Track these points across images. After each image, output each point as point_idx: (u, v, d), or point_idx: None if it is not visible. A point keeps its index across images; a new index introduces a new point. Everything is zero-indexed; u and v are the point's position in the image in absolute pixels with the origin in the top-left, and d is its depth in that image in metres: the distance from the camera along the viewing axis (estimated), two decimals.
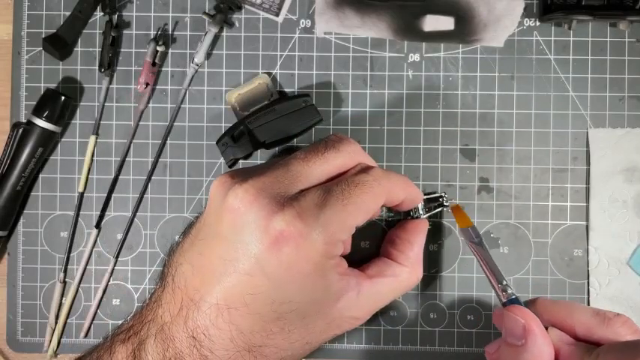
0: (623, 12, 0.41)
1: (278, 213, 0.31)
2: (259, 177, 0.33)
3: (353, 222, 0.33)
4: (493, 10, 0.43)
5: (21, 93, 0.44)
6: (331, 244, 0.32)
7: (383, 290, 0.36)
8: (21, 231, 0.44)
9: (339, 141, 0.36)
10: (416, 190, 0.38)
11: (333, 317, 0.34)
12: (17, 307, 0.44)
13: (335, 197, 0.33)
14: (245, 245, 0.31)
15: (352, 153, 0.35)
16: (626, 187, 0.43)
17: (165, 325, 0.32)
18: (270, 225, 0.31)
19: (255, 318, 0.32)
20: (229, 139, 0.41)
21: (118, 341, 0.33)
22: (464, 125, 0.43)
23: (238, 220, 0.32)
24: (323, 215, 0.32)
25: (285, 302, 0.32)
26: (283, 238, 0.31)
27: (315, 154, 0.34)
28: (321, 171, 0.34)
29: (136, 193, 0.44)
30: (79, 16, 0.43)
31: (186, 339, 0.32)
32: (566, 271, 0.43)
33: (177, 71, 0.44)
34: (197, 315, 0.32)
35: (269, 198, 0.32)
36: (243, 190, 0.32)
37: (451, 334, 0.43)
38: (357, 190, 0.33)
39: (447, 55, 0.43)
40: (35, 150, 0.42)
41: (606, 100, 0.43)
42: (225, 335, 0.32)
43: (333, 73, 0.43)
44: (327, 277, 0.33)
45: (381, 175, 0.35)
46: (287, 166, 0.34)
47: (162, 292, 0.34)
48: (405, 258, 0.38)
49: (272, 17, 0.44)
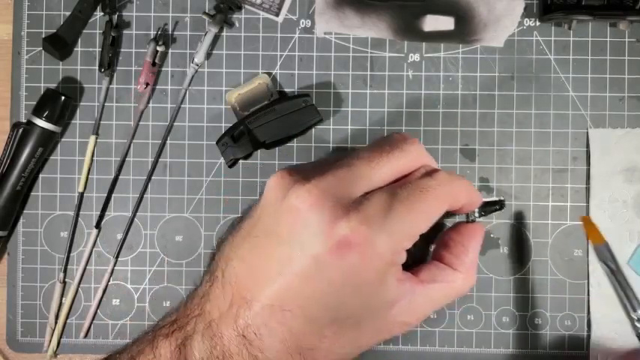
0: (623, 12, 0.41)
1: (343, 218, 0.30)
2: (322, 177, 0.31)
3: (418, 230, 0.32)
4: (493, 10, 0.43)
5: (21, 93, 0.44)
6: (397, 253, 0.31)
7: (436, 296, 0.35)
8: (21, 231, 0.44)
9: (403, 140, 0.34)
10: (477, 194, 0.37)
11: (386, 322, 0.33)
12: (17, 307, 0.44)
13: (400, 203, 0.31)
14: (305, 247, 0.30)
15: (416, 154, 0.34)
16: (626, 187, 0.43)
17: (214, 322, 0.31)
18: (335, 230, 0.30)
19: (308, 321, 0.31)
20: (229, 139, 0.41)
21: (161, 335, 0.32)
22: (464, 125, 0.43)
23: (299, 221, 0.30)
24: (389, 223, 0.31)
25: (341, 308, 0.31)
26: (348, 244, 0.30)
27: (380, 155, 0.33)
28: (386, 172, 0.33)
29: (136, 193, 0.44)
30: (79, 16, 0.43)
31: (236, 337, 0.31)
32: (566, 271, 0.43)
33: (177, 71, 0.44)
34: (248, 314, 0.31)
35: (333, 200, 0.30)
36: (305, 191, 0.31)
37: (451, 334, 0.43)
38: (423, 195, 0.32)
39: (447, 55, 0.43)
40: (35, 150, 0.42)
41: (606, 100, 0.43)
42: (276, 336, 0.31)
43: (333, 73, 0.43)
44: (387, 284, 0.32)
45: (446, 180, 0.34)
46: (350, 166, 0.32)
47: (211, 287, 0.32)
48: (459, 263, 0.36)
49: (272, 17, 0.44)
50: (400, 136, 0.35)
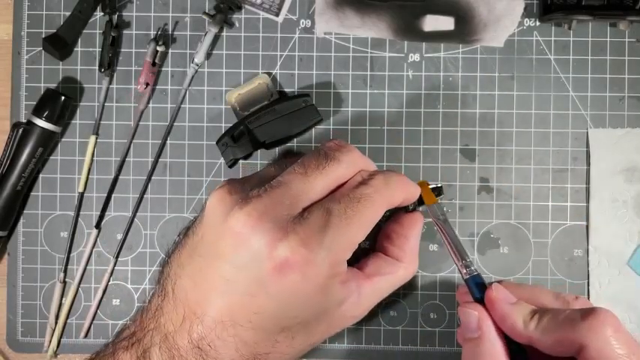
0: (623, 12, 0.41)
1: (282, 240, 0.31)
2: (260, 198, 0.32)
3: (357, 240, 0.33)
4: (493, 10, 0.43)
5: (21, 93, 0.44)
6: (337, 265, 0.32)
7: (381, 287, 0.37)
8: (21, 231, 0.44)
9: (338, 150, 0.35)
10: (413, 187, 0.38)
11: (335, 319, 0.35)
12: (17, 307, 0.44)
13: (338, 217, 0.32)
14: (248, 269, 0.31)
15: (352, 162, 0.35)
16: (626, 187, 0.43)
17: (169, 335, 0.32)
18: (275, 252, 0.31)
19: (259, 332, 0.32)
20: (229, 139, 0.41)
21: (121, 348, 0.33)
22: (464, 125, 0.43)
23: (241, 244, 0.31)
24: (327, 239, 0.32)
25: (289, 318, 0.32)
26: (288, 265, 0.31)
27: (315, 168, 0.34)
28: (322, 185, 0.34)
29: (136, 193, 0.44)
30: (79, 16, 0.43)
31: (192, 349, 0.32)
32: (566, 271, 0.43)
33: (177, 71, 0.44)
34: (201, 328, 0.32)
35: (272, 222, 0.31)
36: (245, 214, 0.32)
37: (451, 334, 0.43)
38: (360, 206, 0.33)
39: (447, 55, 0.43)
40: (35, 150, 0.42)
41: (606, 100, 0.43)
42: (230, 346, 0.32)
43: (333, 73, 0.43)
44: (331, 291, 0.33)
45: (382, 185, 0.34)
46: (288, 183, 0.33)
47: (163, 301, 0.34)
48: (402, 254, 0.38)
49: (272, 17, 0.44)
50: (334, 145, 0.35)
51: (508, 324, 0.33)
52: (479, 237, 0.43)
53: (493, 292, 0.34)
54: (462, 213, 0.43)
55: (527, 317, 0.33)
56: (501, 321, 0.33)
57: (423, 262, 0.43)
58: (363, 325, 0.43)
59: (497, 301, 0.34)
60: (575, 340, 0.30)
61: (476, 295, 0.35)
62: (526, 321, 0.32)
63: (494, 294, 0.34)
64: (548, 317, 0.32)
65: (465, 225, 0.43)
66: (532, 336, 0.32)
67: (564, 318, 0.31)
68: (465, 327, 0.34)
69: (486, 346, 0.33)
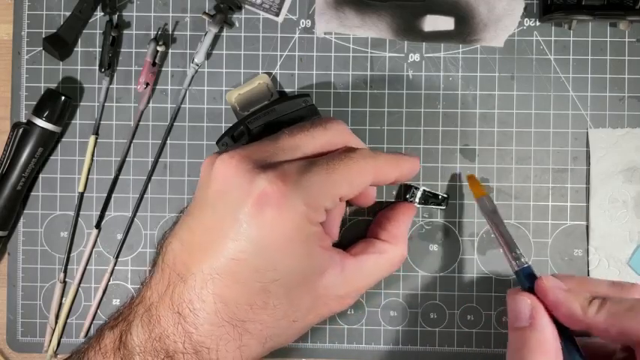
0: (623, 12, 0.41)
1: (260, 174, 0.31)
2: (244, 147, 0.34)
3: (336, 190, 0.33)
4: (493, 10, 0.43)
5: (21, 93, 0.44)
6: (313, 207, 0.32)
7: (367, 266, 0.36)
8: (21, 231, 0.44)
9: (326, 120, 0.36)
10: (409, 163, 0.37)
11: (319, 294, 0.34)
12: (17, 307, 0.44)
13: (319, 166, 0.33)
14: (230, 209, 0.31)
15: (339, 131, 0.36)
16: (626, 187, 0.43)
17: (153, 306, 0.32)
18: (253, 185, 0.31)
19: (239, 288, 0.31)
20: (229, 139, 0.41)
21: (107, 328, 0.33)
22: (464, 125, 0.43)
23: (224, 184, 0.32)
24: (305, 178, 0.32)
25: (268, 270, 0.32)
26: (265, 197, 0.31)
27: (301, 130, 0.35)
28: (307, 146, 0.34)
29: (136, 193, 0.44)
30: (79, 16, 0.43)
31: (172, 315, 0.31)
32: (566, 271, 0.43)
33: (177, 71, 0.44)
34: (183, 289, 0.32)
35: (253, 163, 0.32)
36: (228, 156, 0.32)
37: (451, 334, 0.43)
38: (343, 163, 0.33)
39: (447, 55, 0.43)
40: (35, 150, 0.42)
41: (606, 100, 0.43)
42: (209, 308, 0.31)
43: (333, 73, 0.43)
44: (310, 245, 0.33)
45: (369, 155, 0.35)
46: (273, 139, 0.34)
47: (152, 276, 0.34)
48: (389, 235, 0.38)
49: (272, 17, 0.44)
50: (324, 117, 0.37)
51: (564, 310, 0.32)
52: (479, 237, 0.43)
53: (544, 280, 0.33)
54: (462, 213, 0.43)
55: (584, 303, 0.32)
56: (556, 308, 0.32)
57: (424, 262, 0.43)
58: (363, 325, 0.43)
59: (550, 288, 0.33)
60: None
61: (526, 286, 0.34)
62: (584, 307, 0.32)
63: (547, 281, 0.33)
64: (612, 304, 0.31)
65: (465, 225, 0.43)
66: (592, 322, 0.31)
67: (630, 307, 0.31)
68: (515, 316, 0.33)
69: (538, 334, 0.32)
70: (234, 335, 0.32)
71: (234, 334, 0.32)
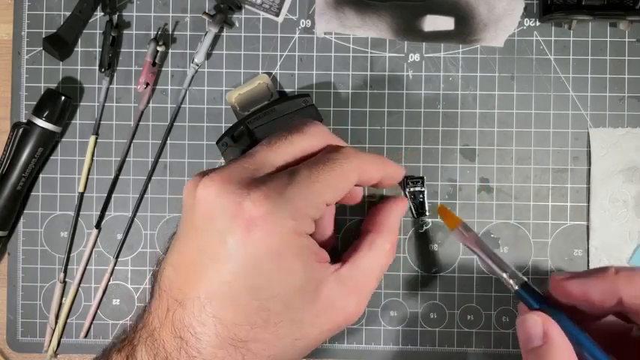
0: (623, 12, 0.41)
1: (245, 197, 0.31)
2: (223, 168, 0.33)
3: (321, 198, 0.33)
4: (493, 10, 0.43)
5: (21, 93, 0.44)
6: (299, 219, 0.32)
7: (362, 264, 0.35)
8: (21, 231, 0.44)
9: (302, 124, 0.35)
10: (394, 167, 0.37)
11: (321, 307, 0.33)
12: (17, 307, 0.44)
13: (302, 175, 0.32)
14: (218, 233, 0.31)
15: (318, 134, 0.35)
16: (627, 187, 0.43)
17: (155, 331, 0.32)
18: (240, 209, 0.31)
19: (236, 309, 0.31)
20: (229, 139, 0.41)
21: (114, 351, 0.33)
22: (464, 125, 0.43)
23: (209, 209, 0.32)
24: (289, 191, 0.32)
25: (263, 287, 0.31)
26: (252, 219, 0.31)
27: (279, 139, 0.34)
28: (287, 154, 0.34)
29: (136, 193, 0.44)
30: (79, 16, 0.43)
31: (174, 340, 0.31)
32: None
33: (177, 71, 0.44)
34: (182, 314, 0.32)
35: (235, 184, 0.32)
36: (209, 179, 0.32)
37: (451, 334, 0.43)
38: (326, 167, 0.33)
39: (447, 55, 0.43)
40: (35, 150, 0.42)
41: (606, 100, 0.43)
42: (210, 331, 0.31)
43: (333, 73, 0.43)
44: (302, 258, 0.32)
45: (352, 155, 0.34)
46: (252, 153, 0.34)
47: (152, 300, 0.34)
48: (376, 224, 0.38)
49: (272, 17, 0.44)
50: (300, 121, 0.36)
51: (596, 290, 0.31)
52: None
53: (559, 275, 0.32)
54: (462, 213, 0.43)
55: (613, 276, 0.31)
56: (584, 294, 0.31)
57: (424, 262, 0.43)
58: (363, 325, 0.43)
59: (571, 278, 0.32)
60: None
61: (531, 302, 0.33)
62: (614, 280, 0.31)
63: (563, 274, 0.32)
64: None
65: None
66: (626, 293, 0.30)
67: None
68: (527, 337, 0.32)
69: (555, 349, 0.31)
70: (236, 356, 0.32)
71: (236, 355, 0.32)
